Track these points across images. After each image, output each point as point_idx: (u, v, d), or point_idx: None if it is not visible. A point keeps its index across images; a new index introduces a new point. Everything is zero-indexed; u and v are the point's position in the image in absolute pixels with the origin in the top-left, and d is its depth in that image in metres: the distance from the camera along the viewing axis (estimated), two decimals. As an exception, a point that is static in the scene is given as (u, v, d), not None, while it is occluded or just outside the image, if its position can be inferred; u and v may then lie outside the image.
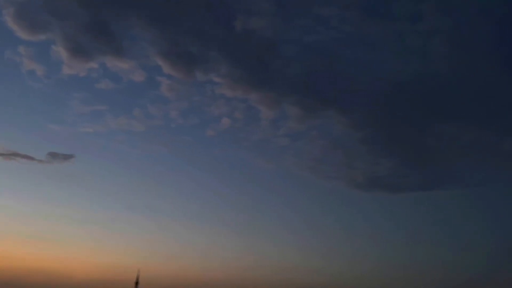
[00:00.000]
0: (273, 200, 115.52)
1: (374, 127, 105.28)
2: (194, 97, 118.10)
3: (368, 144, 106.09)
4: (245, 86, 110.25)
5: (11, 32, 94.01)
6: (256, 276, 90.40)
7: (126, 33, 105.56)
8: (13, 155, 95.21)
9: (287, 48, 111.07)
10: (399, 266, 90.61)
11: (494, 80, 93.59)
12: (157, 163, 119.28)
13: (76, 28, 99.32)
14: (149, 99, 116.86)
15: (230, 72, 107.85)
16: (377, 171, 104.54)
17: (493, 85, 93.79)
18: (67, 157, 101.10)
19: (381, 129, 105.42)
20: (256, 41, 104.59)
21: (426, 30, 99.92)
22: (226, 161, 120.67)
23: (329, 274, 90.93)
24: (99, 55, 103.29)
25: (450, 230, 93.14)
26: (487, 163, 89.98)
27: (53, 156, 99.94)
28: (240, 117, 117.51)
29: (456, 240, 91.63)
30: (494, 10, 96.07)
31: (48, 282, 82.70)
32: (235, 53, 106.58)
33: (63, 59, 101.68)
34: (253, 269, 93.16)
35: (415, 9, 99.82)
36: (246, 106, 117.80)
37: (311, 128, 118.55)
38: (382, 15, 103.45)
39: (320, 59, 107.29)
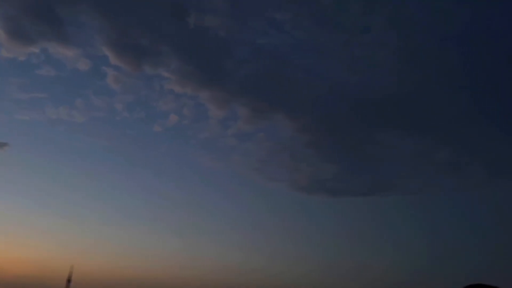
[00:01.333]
0: (218, 199, 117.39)
1: (320, 132, 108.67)
2: (141, 90, 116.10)
3: (314, 149, 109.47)
4: (195, 83, 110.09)
5: None
6: (194, 275, 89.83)
7: (72, 19, 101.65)
8: None
9: (239, 49, 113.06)
10: (338, 266, 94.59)
11: (433, 94, 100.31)
12: (97, 157, 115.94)
13: (17, 9, 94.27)
14: (93, 90, 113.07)
15: (181, 68, 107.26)
16: (321, 175, 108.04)
17: (433, 99, 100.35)
18: (0, 144, 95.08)
19: (327, 134, 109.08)
20: (209, 39, 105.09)
21: (373, 42, 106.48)
22: (171, 158, 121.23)
23: (270, 274, 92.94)
24: (41, 40, 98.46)
25: (387, 234, 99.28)
26: (423, 172, 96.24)
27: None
28: (188, 114, 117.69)
29: (392, 242, 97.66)
30: (438, 27, 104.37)
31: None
32: (187, 49, 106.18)
33: (1, 41, 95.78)
34: (192, 268, 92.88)
35: (364, 22, 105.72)
36: (195, 103, 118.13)
37: (259, 129, 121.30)
38: (332, 25, 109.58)
39: (271, 62, 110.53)
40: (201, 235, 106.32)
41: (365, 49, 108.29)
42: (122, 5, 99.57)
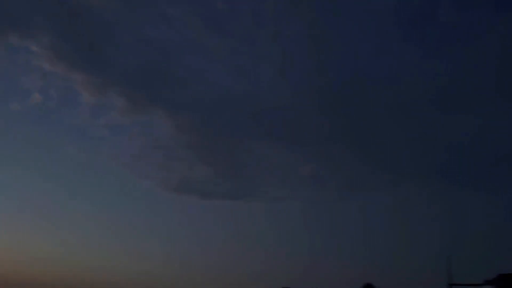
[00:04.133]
0: (82, 192, 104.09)
1: (198, 134, 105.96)
2: (2, 62, 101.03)
3: (189, 149, 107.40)
4: (68, 64, 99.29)
5: None
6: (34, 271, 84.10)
7: None
8: None
9: (125, 36, 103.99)
10: (194, 267, 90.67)
11: (304, 112, 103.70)
12: None
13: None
14: None
15: (54, 45, 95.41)
16: (193, 176, 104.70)
17: (303, 117, 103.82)
18: None
19: (202, 136, 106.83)
20: (92, 20, 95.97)
21: (258, 54, 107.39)
22: (30, 142, 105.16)
23: (131, 273, 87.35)
24: None
25: (249, 238, 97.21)
26: (287, 183, 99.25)
27: None
28: (55, 96, 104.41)
29: (250, 247, 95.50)
30: (319, 43, 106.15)
31: None
32: (64, 25, 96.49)
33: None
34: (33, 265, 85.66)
35: (251, 32, 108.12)
36: (66, 85, 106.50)
37: (135, 123, 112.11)
38: (223, 31, 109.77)
39: (157, 56, 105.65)
40: (61, 230, 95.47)
41: (250, 60, 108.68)
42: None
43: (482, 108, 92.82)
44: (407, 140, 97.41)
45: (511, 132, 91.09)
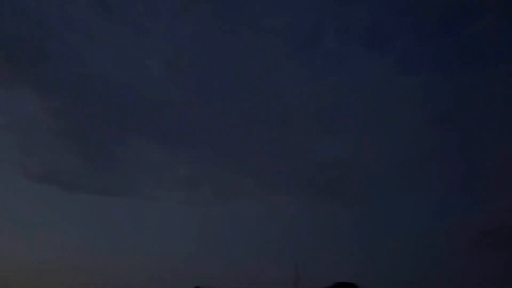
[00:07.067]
0: None
1: (68, 119, 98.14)
2: None
3: (56, 135, 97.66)
4: None
5: None
6: None
7: None
8: None
9: None
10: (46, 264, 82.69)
11: (192, 110, 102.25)
12: None
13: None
14: None
15: None
16: (58, 165, 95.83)
17: (189, 114, 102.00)
18: None
19: (74, 123, 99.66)
20: None
21: (148, 46, 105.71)
22: None
23: None
24: None
25: (115, 237, 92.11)
26: (163, 183, 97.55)
27: None
28: None
29: (115, 246, 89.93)
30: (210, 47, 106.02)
31: None
32: None
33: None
34: None
35: (144, 23, 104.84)
36: None
37: None
38: (113, 16, 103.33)
39: (35, 31, 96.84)
40: None
41: (139, 51, 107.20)
42: None
43: (354, 132, 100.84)
44: (283, 154, 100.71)
45: (376, 157, 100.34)
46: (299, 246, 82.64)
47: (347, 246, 79.38)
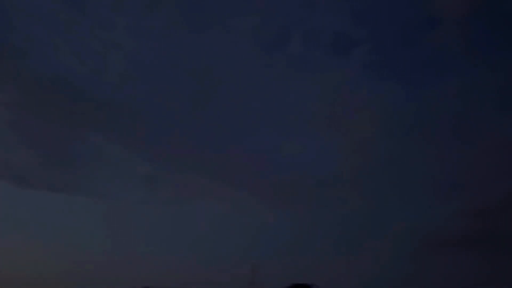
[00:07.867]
0: None
1: (22, 111, 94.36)
2: None
3: (9, 128, 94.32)
4: None
5: None
6: None
7: None
8: None
9: None
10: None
11: (154, 107, 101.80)
12: None
13: None
14: None
15: None
16: (9, 159, 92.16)
17: (152, 111, 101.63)
18: None
19: (30, 116, 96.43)
20: None
21: (113, 41, 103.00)
22: None
23: None
24: None
25: (69, 236, 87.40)
26: (122, 181, 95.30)
27: None
28: None
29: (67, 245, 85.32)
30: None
31: None
32: None
33: None
34: None
35: (110, 18, 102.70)
36: None
37: None
38: (79, 7, 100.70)
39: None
40: None
41: (103, 46, 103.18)
42: None
43: (315, 135, 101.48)
44: (245, 155, 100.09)
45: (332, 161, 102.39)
46: (258, 247, 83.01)
47: (309, 248, 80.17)
